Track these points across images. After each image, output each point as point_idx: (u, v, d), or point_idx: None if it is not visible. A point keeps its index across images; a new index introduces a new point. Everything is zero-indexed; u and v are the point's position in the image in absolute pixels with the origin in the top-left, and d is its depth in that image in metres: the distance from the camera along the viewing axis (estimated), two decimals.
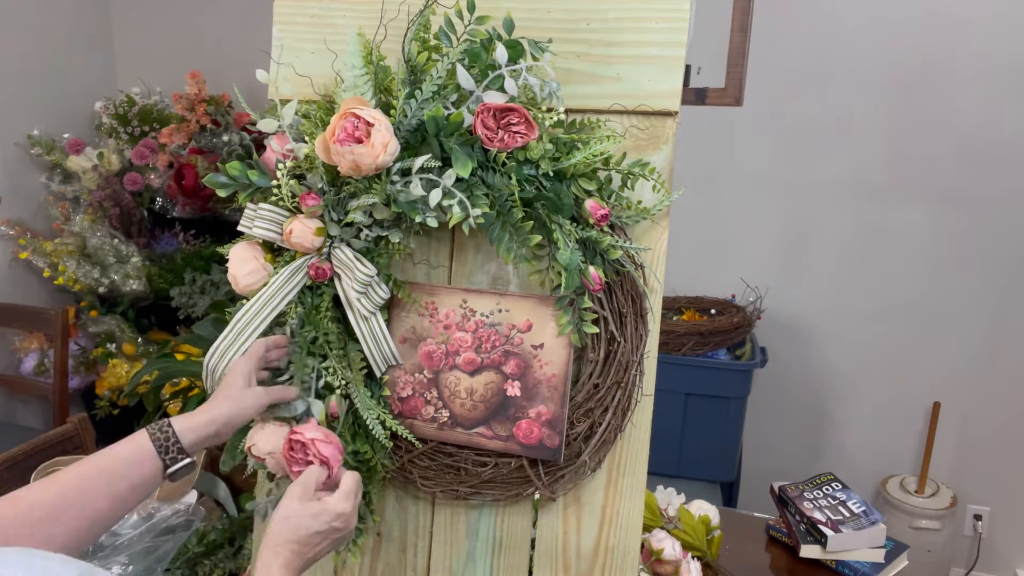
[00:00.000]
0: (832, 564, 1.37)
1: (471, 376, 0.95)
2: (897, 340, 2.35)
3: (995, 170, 2.18)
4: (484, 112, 0.83)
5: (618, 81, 0.91)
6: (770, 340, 2.40)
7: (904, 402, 2.38)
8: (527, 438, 0.94)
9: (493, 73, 0.84)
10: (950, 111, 2.18)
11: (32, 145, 2.52)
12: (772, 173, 2.37)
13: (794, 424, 2.51)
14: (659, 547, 1.27)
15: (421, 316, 0.97)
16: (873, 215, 2.30)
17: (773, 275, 2.39)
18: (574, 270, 0.85)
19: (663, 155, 0.91)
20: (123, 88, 2.73)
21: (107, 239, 2.43)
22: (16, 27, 2.48)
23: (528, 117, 0.83)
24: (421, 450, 0.98)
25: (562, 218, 0.86)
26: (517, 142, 0.83)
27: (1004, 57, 2.12)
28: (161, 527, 1.24)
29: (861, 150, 2.28)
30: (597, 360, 0.92)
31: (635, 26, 0.90)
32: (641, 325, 0.92)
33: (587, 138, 0.86)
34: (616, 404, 0.92)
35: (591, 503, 0.98)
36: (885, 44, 2.20)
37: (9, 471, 1.47)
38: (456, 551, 1.03)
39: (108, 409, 2.42)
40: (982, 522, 2.36)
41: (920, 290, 2.30)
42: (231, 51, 2.71)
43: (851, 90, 2.25)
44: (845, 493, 1.47)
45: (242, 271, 0.94)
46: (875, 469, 2.43)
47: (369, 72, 0.88)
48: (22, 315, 2.26)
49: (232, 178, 0.92)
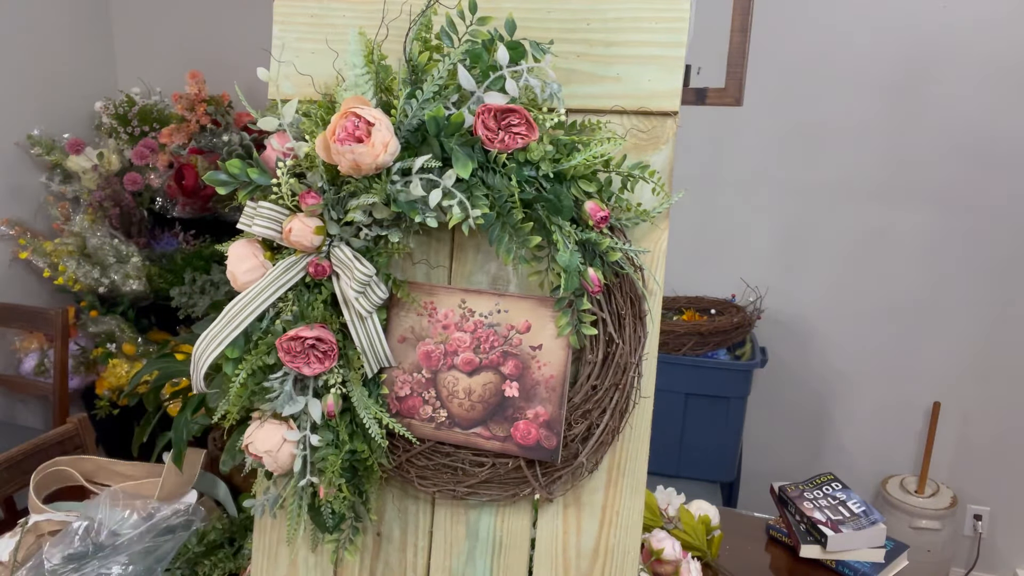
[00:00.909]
0: (832, 564, 1.38)
1: (469, 376, 0.95)
2: (897, 340, 2.35)
3: (995, 170, 2.18)
4: (485, 113, 0.83)
5: (618, 81, 0.91)
6: (770, 340, 2.40)
7: (904, 402, 2.38)
8: (524, 439, 0.94)
9: (494, 74, 0.84)
10: (950, 111, 2.18)
11: (32, 145, 2.52)
12: (772, 173, 2.37)
13: (794, 424, 2.51)
14: (659, 547, 1.27)
15: (420, 316, 0.97)
16: (873, 215, 2.30)
17: (773, 275, 2.39)
18: (573, 272, 0.85)
19: (663, 155, 0.91)
20: (123, 88, 2.73)
21: (107, 239, 2.43)
22: (16, 27, 2.48)
23: (529, 118, 0.83)
24: (418, 449, 0.98)
25: (562, 220, 0.86)
26: (517, 143, 0.83)
27: (1004, 57, 2.12)
28: (161, 527, 1.24)
29: (861, 150, 2.28)
30: (595, 362, 0.92)
31: (635, 26, 0.90)
32: (640, 327, 0.92)
33: (587, 140, 0.86)
34: (614, 406, 0.92)
35: (591, 503, 0.98)
36: (885, 44, 2.20)
37: (9, 471, 1.48)
38: (456, 551, 1.03)
39: (108, 409, 2.42)
40: (982, 522, 2.36)
41: (920, 290, 2.30)
42: (231, 51, 2.71)
43: (851, 90, 2.25)
44: (845, 493, 1.47)
45: (241, 268, 0.94)
46: (875, 469, 2.43)
47: (370, 71, 0.88)
48: (22, 315, 2.26)
49: (232, 176, 0.92)
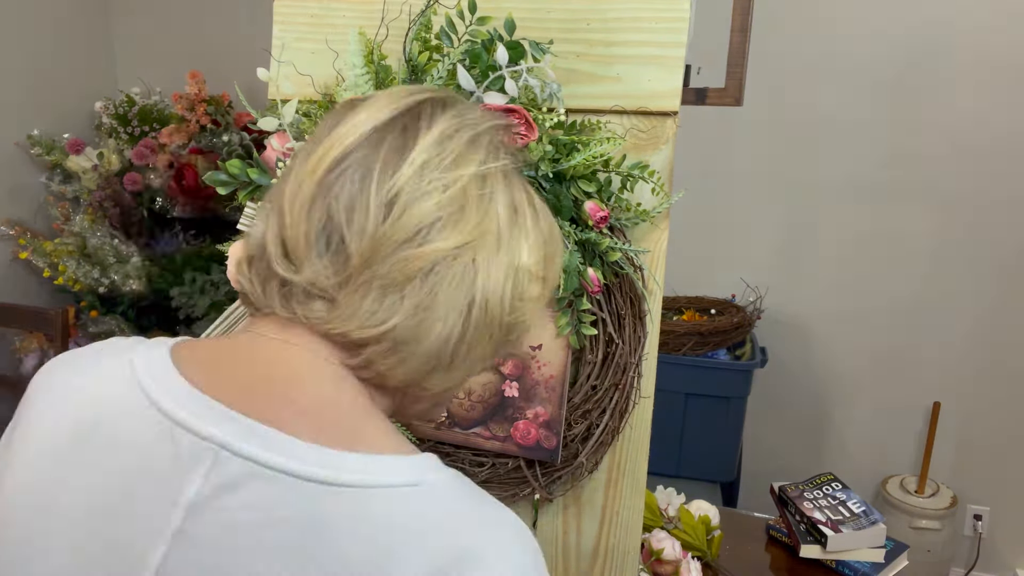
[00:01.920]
0: (832, 564, 1.37)
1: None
2: (897, 340, 2.35)
3: (995, 170, 2.18)
4: None
5: (618, 81, 0.91)
6: (770, 340, 2.40)
7: (904, 402, 2.38)
8: (524, 439, 0.94)
9: (494, 74, 0.84)
10: (951, 111, 2.18)
11: (32, 145, 2.52)
12: (772, 173, 2.37)
13: (794, 424, 2.51)
14: (659, 547, 1.27)
15: None
16: (873, 215, 2.30)
17: (773, 275, 2.39)
18: (573, 272, 0.85)
19: (663, 155, 0.91)
20: (123, 88, 2.73)
21: (107, 239, 2.43)
22: (16, 27, 2.48)
23: (528, 118, 0.83)
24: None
25: (561, 220, 0.86)
26: (517, 143, 0.83)
27: (1005, 57, 2.11)
28: None
29: (861, 150, 2.28)
30: (595, 362, 0.92)
31: (635, 26, 0.90)
32: (640, 327, 0.92)
33: (587, 140, 0.86)
34: (614, 406, 0.92)
35: (591, 503, 0.98)
36: (885, 44, 2.20)
37: None
38: None
39: None
40: (982, 522, 2.36)
41: (920, 290, 2.30)
42: (231, 51, 2.70)
43: (851, 90, 2.25)
44: (845, 493, 1.47)
45: None
46: (875, 469, 2.43)
47: (370, 71, 0.88)
48: (22, 315, 2.26)
49: (232, 176, 0.92)
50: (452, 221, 0.51)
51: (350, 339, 0.51)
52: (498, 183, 0.54)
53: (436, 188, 0.51)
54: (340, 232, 0.50)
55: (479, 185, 0.53)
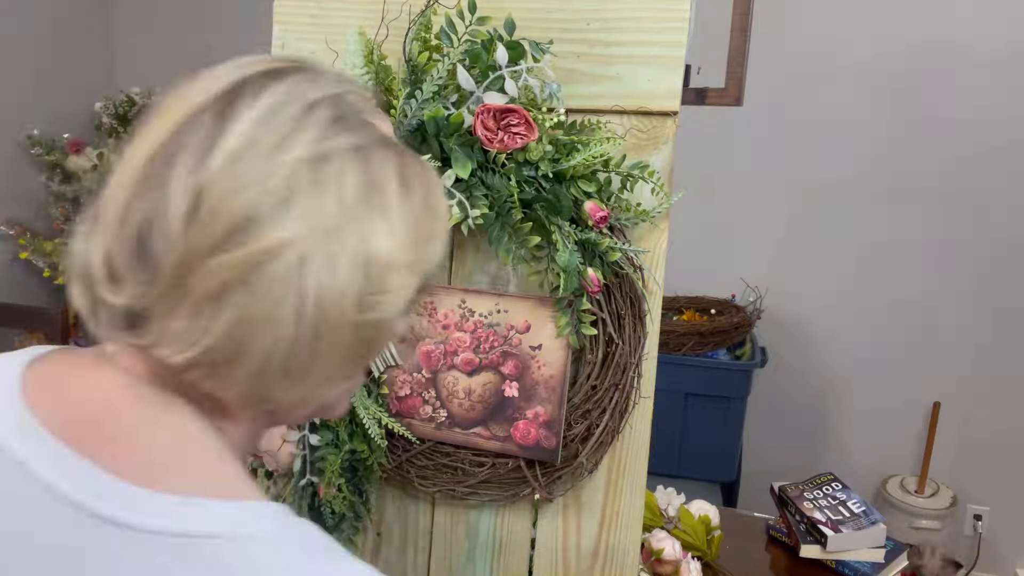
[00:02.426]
0: (832, 564, 1.38)
1: (469, 376, 0.95)
2: (897, 340, 2.35)
3: (996, 170, 2.18)
4: (484, 113, 0.83)
5: (618, 81, 0.91)
6: (770, 340, 2.40)
7: (904, 402, 2.38)
8: (524, 439, 0.94)
9: (493, 74, 0.84)
10: (951, 111, 2.18)
11: (32, 145, 2.52)
12: (772, 173, 2.37)
13: (794, 424, 2.51)
14: (659, 547, 1.27)
15: (420, 316, 0.97)
16: (873, 215, 2.30)
17: (773, 275, 2.39)
18: (573, 272, 0.85)
19: (663, 155, 0.91)
20: (123, 88, 2.73)
21: None
22: (16, 27, 2.48)
23: (528, 118, 0.83)
24: (418, 449, 0.98)
25: (561, 220, 0.86)
26: (517, 143, 0.83)
27: (1005, 57, 2.11)
28: None
29: (861, 150, 2.28)
30: (595, 362, 0.92)
31: (635, 26, 0.90)
32: (639, 327, 0.92)
33: (587, 140, 0.86)
34: (613, 406, 0.92)
35: (591, 503, 0.98)
36: (885, 44, 2.20)
37: None
38: (456, 551, 1.03)
39: None
40: (982, 522, 2.36)
41: (920, 290, 2.30)
42: (231, 51, 2.70)
43: (851, 90, 2.25)
44: (845, 493, 1.47)
45: None
46: (875, 469, 2.43)
47: (370, 71, 0.89)
48: (22, 315, 2.26)
49: None
50: (271, 217, 0.44)
51: (169, 364, 0.46)
52: (347, 162, 0.46)
53: (251, 180, 0.44)
54: (148, 243, 0.44)
55: (313, 168, 0.45)
